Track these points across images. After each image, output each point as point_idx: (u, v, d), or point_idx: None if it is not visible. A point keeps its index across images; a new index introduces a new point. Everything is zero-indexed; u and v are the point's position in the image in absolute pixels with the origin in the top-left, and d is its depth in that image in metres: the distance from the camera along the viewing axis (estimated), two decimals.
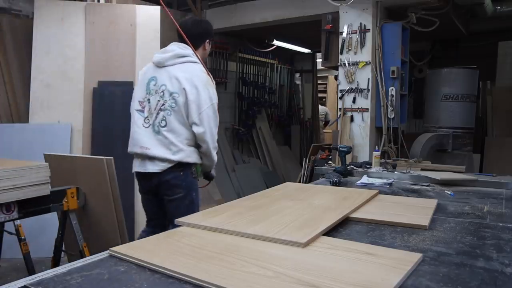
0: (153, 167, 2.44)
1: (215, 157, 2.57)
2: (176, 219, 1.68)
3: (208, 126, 2.42)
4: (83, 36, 4.42)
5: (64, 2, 4.45)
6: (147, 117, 2.48)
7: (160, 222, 2.58)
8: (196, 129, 2.41)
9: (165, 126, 2.42)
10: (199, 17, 6.10)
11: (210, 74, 2.54)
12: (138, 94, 2.56)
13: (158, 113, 2.44)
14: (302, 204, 1.96)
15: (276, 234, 1.46)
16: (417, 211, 1.94)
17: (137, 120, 2.50)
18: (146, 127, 2.46)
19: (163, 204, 2.54)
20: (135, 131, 2.51)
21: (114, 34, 4.49)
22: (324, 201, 2.02)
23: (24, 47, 4.45)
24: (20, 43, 4.46)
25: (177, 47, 2.52)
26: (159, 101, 2.44)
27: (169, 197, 2.48)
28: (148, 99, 2.49)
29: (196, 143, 2.48)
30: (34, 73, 4.33)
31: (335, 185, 2.65)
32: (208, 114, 2.42)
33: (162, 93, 2.45)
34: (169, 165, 2.42)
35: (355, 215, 1.86)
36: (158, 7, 4.69)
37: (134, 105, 2.55)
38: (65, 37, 4.39)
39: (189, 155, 2.44)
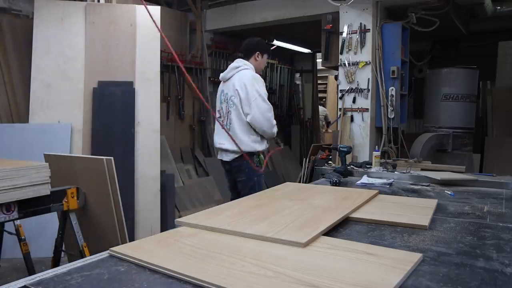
0: (226, 157, 3.26)
1: (273, 131, 3.25)
2: (176, 219, 1.69)
3: (258, 112, 3.06)
4: (83, 36, 4.42)
5: (64, 2, 4.45)
6: (222, 120, 3.28)
7: (235, 192, 3.39)
8: (248, 117, 3.09)
9: (231, 123, 3.19)
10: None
11: (261, 78, 3.23)
12: (217, 106, 3.41)
13: (227, 116, 3.24)
14: (302, 204, 1.96)
15: (276, 234, 1.46)
16: (417, 211, 1.94)
17: (218, 125, 3.33)
18: (222, 129, 3.26)
19: (236, 182, 3.35)
20: (217, 133, 3.36)
21: (114, 34, 4.49)
22: (324, 201, 2.02)
23: (24, 47, 4.45)
24: (20, 43, 4.46)
25: (234, 63, 3.30)
26: (226, 107, 3.24)
27: (238, 178, 3.28)
28: (221, 107, 3.31)
29: (255, 130, 3.15)
30: (34, 73, 4.33)
31: (335, 185, 2.65)
32: (257, 104, 3.07)
33: (226, 100, 3.24)
34: (236, 156, 3.19)
35: (355, 215, 1.86)
36: (158, 7, 4.69)
37: (216, 115, 3.38)
38: (65, 37, 4.39)
39: (250, 146, 3.16)
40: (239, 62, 3.28)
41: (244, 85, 3.10)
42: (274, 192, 2.29)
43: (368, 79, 4.67)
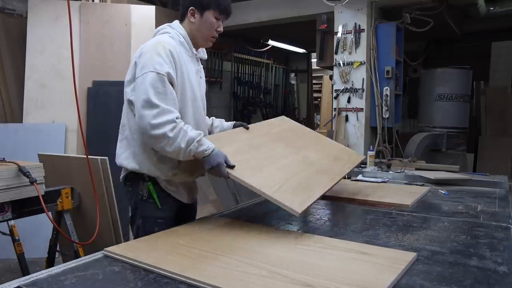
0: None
1: (151, 133, 1.63)
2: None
3: (137, 98, 1.69)
4: (78, 36, 4.40)
5: (58, 1, 4.42)
6: None
7: None
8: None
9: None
10: None
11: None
12: None
13: None
14: (297, 156, 1.99)
15: (274, 194, 1.55)
16: (406, 194, 2.26)
17: None
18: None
19: None
20: None
21: (108, 34, 4.47)
22: (317, 158, 2.07)
23: (18, 47, 4.42)
24: (14, 43, 4.43)
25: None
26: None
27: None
28: None
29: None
30: (28, 73, 4.30)
31: None
32: (139, 86, 1.70)
33: None
34: (123, 174, 1.94)
35: (349, 196, 2.19)
36: (153, 7, 4.68)
37: None
38: (59, 37, 4.37)
39: (129, 162, 1.83)
40: (162, 27, 1.90)
41: (136, 58, 1.75)
42: (271, 129, 2.22)
43: (363, 79, 4.68)
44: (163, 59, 1.67)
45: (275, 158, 1.86)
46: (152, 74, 1.63)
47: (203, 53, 1.98)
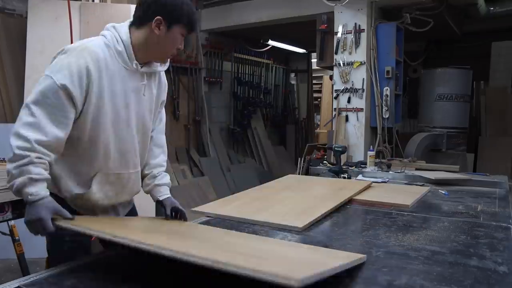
0: None
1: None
2: (195, 208, 1.94)
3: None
4: (78, 36, 4.39)
5: (58, 1, 4.42)
6: None
7: None
8: None
9: None
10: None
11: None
12: None
13: None
14: (303, 194, 2.22)
15: (278, 220, 1.69)
16: (405, 194, 2.29)
17: None
18: None
19: None
20: None
21: None
22: (322, 192, 2.28)
23: (18, 47, 4.42)
24: (14, 43, 4.43)
25: None
26: None
27: None
28: None
29: None
30: (28, 73, 4.30)
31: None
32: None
33: None
34: None
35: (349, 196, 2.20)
36: None
37: None
38: (59, 37, 4.36)
39: None
40: (106, 26, 1.66)
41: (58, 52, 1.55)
42: (277, 184, 2.51)
43: (363, 79, 4.68)
44: (70, 72, 1.41)
45: (281, 200, 2.07)
46: (51, 82, 1.40)
47: (160, 66, 1.63)
